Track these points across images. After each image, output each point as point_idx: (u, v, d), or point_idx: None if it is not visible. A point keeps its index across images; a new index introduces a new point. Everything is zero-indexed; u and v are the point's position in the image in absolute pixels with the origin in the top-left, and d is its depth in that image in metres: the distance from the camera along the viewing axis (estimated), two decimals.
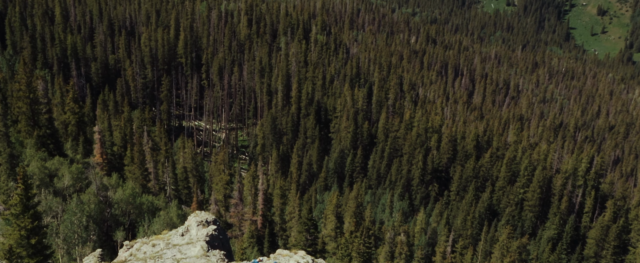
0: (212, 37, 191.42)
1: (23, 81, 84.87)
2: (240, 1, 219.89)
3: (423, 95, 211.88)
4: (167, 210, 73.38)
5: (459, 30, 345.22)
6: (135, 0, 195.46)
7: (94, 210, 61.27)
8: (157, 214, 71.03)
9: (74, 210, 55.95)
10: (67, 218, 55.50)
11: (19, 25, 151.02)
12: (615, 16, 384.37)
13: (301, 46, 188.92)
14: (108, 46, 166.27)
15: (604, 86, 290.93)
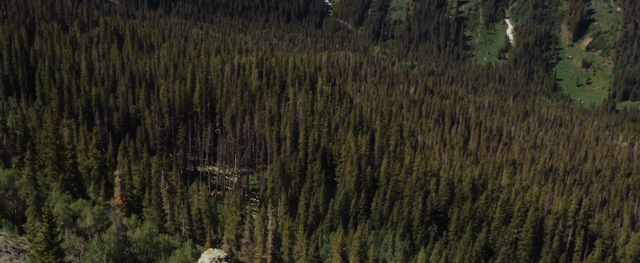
0: (226, 88, 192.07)
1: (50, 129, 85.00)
2: (252, 55, 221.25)
3: (422, 141, 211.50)
4: (182, 249, 72.70)
5: (454, 82, 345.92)
6: (155, 55, 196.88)
7: (113, 249, 60.71)
8: (172, 252, 70.39)
9: (95, 248, 55.49)
10: (89, 257, 55.02)
11: (48, 78, 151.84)
12: (599, 68, 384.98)
13: (308, 96, 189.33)
14: (129, 97, 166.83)
15: (590, 132, 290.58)
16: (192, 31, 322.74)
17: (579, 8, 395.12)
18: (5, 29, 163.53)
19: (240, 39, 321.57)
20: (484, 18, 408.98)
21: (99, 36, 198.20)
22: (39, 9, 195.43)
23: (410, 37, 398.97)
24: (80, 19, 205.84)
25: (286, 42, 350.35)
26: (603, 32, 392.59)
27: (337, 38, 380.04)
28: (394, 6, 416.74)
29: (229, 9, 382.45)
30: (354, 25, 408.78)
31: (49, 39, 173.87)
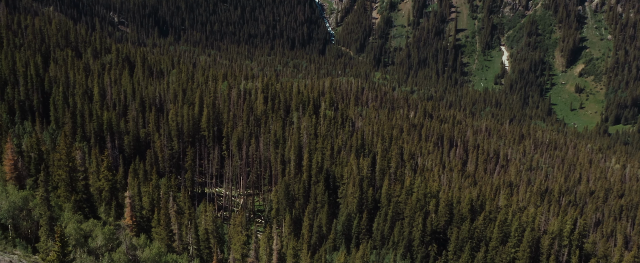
0: (232, 112, 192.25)
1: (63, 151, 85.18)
2: (257, 81, 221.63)
3: (422, 164, 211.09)
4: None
5: (452, 106, 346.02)
6: (164, 81, 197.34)
7: None
8: None
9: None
10: None
11: (61, 103, 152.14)
12: (591, 94, 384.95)
13: (311, 120, 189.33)
14: (139, 121, 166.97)
15: (583, 155, 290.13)
16: (201, 58, 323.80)
17: (571, 36, 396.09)
18: (21, 56, 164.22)
19: (246, 65, 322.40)
20: (481, 45, 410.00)
21: (111, 63, 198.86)
22: (54, 37, 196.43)
23: (409, 63, 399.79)
24: (93, 46, 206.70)
25: (291, 69, 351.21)
26: (595, 59, 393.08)
27: (340, 64, 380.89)
28: (394, 34, 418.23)
29: (236, 36, 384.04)
30: (356, 52, 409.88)
31: (63, 66, 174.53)
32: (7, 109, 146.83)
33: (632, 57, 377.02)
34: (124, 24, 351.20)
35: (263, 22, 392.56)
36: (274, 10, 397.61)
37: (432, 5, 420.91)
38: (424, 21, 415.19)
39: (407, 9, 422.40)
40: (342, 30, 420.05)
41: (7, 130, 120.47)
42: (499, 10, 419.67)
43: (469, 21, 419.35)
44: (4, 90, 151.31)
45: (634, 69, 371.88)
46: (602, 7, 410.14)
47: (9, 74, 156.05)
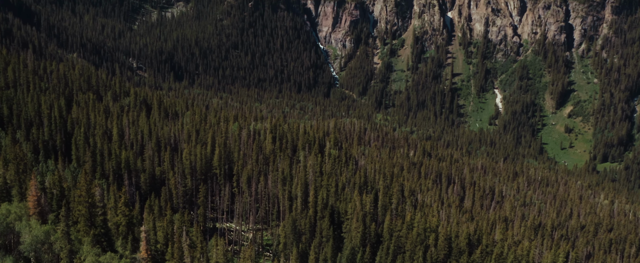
0: (242, 152, 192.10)
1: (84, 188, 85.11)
2: (266, 122, 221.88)
3: (421, 200, 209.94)
4: None
5: (450, 146, 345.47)
6: (179, 122, 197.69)
7: None
8: None
9: None
10: None
11: (83, 143, 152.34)
12: (580, 133, 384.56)
13: (317, 159, 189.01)
14: (155, 160, 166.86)
15: (574, 191, 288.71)
16: (213, 101, 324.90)
17: (560, 80, 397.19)
18: (46, 99, 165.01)
19: (256, 107, 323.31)
20: (476, 88, 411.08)
21: (129, 105, 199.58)
22: (77, 82, 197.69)
23: (409, 105, 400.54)
24: (113, 90, 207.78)
25: (297, 110, 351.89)
26: (583, 101, 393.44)
27: (343, 107, 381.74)
28: (394, 78, 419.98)
29: (246, 80, 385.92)
30: (359, 95, 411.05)
31: (85, 108, 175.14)
32: (32, 148, 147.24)
33: (617, 100, 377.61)
34: (142, 69, 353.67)
35: (272, 67, 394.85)
36: (282, 56, 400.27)
37: (429, 52, 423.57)
38: (422, 66, 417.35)
39: (407, 54, 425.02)
40: (346, 74, 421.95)
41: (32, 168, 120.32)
42: (492, 55, 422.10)
43: (464, 66, 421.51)
44: (29, 131, 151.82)
45: (619, 111, 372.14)
46: (588, 53, 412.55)
47: (34, 116, 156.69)
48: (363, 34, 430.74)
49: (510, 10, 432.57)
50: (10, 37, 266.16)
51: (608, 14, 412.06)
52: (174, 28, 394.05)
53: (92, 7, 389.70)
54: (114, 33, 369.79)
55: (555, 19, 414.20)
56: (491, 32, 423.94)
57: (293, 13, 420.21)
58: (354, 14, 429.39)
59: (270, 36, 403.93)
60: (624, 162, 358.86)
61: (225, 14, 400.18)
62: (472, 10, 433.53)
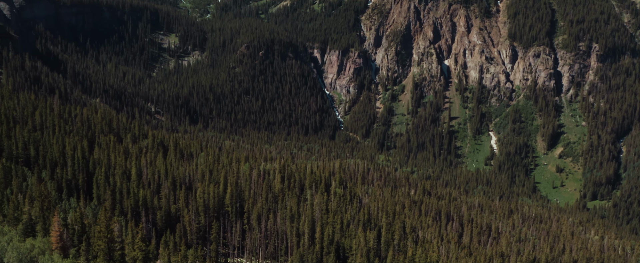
0: (253, 190, 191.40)
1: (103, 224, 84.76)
2: (275, 162, 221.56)
3: (422, 236, 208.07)
4: None
5: (448, 185, 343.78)
6: (193, 162, 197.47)
7: None
8: None
9: None
10: None
11: (103, 182, 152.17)
12: (570, 173, 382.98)
13: (323, 197, 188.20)
14: (171, 198, 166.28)
15: (566, 228, 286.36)
16: (226, 143, 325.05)
17: (550, 123, 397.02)
18: (70, 141, 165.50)
19: (265, 149, 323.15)
20: (472, 131, 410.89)
21: (147, 147, 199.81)
22: (99, 125, 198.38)
23: (409, 147, 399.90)
24: (132, 132, 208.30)
25: (305, 152, 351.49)
26: (572, 143, 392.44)
27: (348, 148, 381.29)
28: (395, 121, 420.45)
29: (257, 124, 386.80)
30: (362, 137, 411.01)
31: (106, 149, 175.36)
32: (56, 187, 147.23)
33: (604, 141, 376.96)
34: (159, 113, 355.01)
35: (281, 111, 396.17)
36: (290, 101, 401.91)
37: (428, 97, 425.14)
38: (422, 110, 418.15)
39: (407, 99, 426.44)
40: (350, 118, 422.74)
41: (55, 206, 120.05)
42: (486, 100, 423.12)
43: (461, 110, 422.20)
44: (54, 170, 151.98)
45: (606, 152, 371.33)
46: (576, 97, 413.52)
47: (59, 157, 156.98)
48: (366, 81, 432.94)
49: (503, 59, 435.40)
50: (39, 84, 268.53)
51: (593, 61, 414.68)
52: (190, 75, 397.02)
53: (114, 56, 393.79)
54: (135, 80, 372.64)
55: (544, 66, 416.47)
56: (485, 78, 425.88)
57: (301, 61, 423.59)
58: (358, 62, 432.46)
59: (280, 82, 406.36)
60: (612, 200, 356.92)
61: (238, 62, 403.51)
62: (467, 59, 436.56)
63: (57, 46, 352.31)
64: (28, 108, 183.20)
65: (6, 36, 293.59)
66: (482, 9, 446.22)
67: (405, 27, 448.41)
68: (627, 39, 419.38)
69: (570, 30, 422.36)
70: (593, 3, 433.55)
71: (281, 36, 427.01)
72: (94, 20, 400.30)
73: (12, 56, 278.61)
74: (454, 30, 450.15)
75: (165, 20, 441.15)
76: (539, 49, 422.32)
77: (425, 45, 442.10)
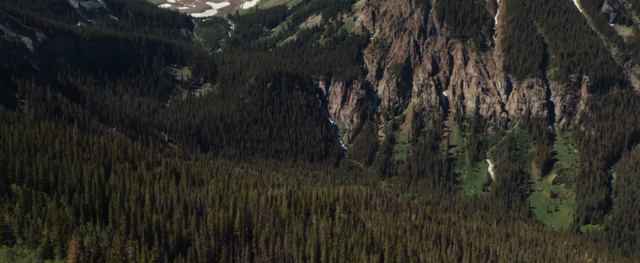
0: (261, 215, 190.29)
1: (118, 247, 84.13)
2: (282, 189, 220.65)
3: (423, 259, 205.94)
4: None
5: (448, 210, 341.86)
6: (204, 189, 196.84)
7: None
8: None
9: None
10: None
11: (118, 207, 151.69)
12: (564, 198, 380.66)
13: (328, 222, 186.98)
14: (183, 222, 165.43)
15: (561, 251, 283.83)
16: (235, 170, 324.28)
17: (544, 150, 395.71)
18: (88, 168, 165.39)
19: (273, 176, 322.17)
20: (470, 158, 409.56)
21: (160, 174, 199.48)
22: (115, 152, 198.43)
23: (410, 174, 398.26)
24: (146, 160, 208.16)
25: (310, 178, 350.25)
26: (565, 169, 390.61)
27: (352, 175, 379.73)
28: (396, 149, 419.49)
29: (265, 152, 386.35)
30: (365, 164, 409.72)
31: (121, 176, 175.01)
32: (74, 211, 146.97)
33: (596, 168, 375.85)
34: (172, 141, 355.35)
35: (287, 140, 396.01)
36: (297, 130, 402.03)
37: (427, 126, 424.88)
38: (422, 139, 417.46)
39: (407, 128, 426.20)
40: (353, 146, 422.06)
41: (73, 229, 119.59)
42: (483, 129, 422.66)
43: (459, 139, 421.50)
44: (72, 196, 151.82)
45: (597, 178, 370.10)
46: (568, 126, 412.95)
47: (76, 183, 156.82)
48: (368, 111, 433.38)
49: (498, 90, 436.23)
50: (59, 114, 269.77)
51: (584, 92, 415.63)
52: (202, 106, 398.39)
53: (130, 87, 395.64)
54: (149, 110, 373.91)
55: (537, 97, 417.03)
56: (482, 108, 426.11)
57: (306, 92, 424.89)
58: (361, 93, 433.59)
59: (286, 112, 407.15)
60: (604, 224, 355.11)
61: (247, 93, 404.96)
62: (464, 90, 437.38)
63: (77, 78, 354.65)
64: (48, 137, 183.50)
65: (29, 69, 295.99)
66: (478, 43, 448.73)
67: (405, 60, 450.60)
68: (616, 71, 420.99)
69: (562, 62, 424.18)
70: (582, 37, 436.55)
71: (288, 69, 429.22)
72: (112, 54, 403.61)
73: (34, 88, 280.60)
74: (452, 63, 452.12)
75: (179, 54, 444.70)
76: (532, 81, 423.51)
77: (424, 77, 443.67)
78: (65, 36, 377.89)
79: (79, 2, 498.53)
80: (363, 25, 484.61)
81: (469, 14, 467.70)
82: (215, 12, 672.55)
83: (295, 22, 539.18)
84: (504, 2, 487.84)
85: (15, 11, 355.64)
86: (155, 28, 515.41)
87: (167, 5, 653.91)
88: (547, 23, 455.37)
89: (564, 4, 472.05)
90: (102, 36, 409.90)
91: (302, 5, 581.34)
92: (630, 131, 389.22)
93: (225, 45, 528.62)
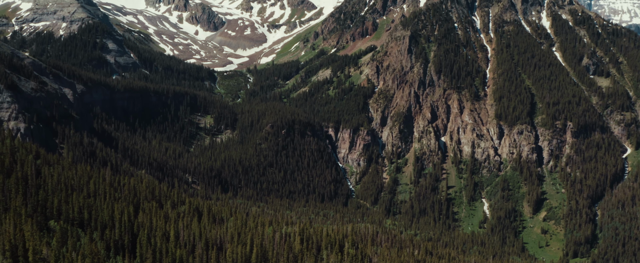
0: (276, 251, 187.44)
1: None
2: (296, 226, 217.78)
3: None
4: None
5: (447, 246, 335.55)
6: (224, 226, 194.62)
7: None
8: None
9: None
10: None
11: (145, 242, 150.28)
12: (554, 234, 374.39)
13: (338, 257, 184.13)
14: (204, 257, 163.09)
15: None
16: (252, 209, 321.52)
17: (534, 190, 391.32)
18: (118, 206, 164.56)
19: (287, 214, 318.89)
20: (467, 198, 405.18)
21: (184, 212, 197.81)
22: (144, 192, 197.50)
23: (413, 212, 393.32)
24: (172, 199, 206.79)
25: (321, 217, 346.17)
26: (554, 207, 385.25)
27: (359, 214, 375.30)
28: (400, 190, 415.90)
29: (279, 192, 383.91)
30: (371, 204, 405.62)
31: (149, 214, 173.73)
32: (105, 246, 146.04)
33: (582, 206, 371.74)
34: (195, 183, 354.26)
35: (300, 181, 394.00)
36: (309, 173, 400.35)
37: (428, 169, 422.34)
38: (423, 180, 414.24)
39: (409, 171, 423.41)
40: (360, 187, 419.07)
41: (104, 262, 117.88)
42: (478, 171, 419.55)
43: (457, 180, 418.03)
44: (103, 232, 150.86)
45: (583, 215, 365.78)
46: (555, 168, 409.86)
47: (108, 220, 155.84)
48: (374, 155, 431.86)
49: (491, 136, 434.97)
50: (94, 157, 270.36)
51: (569, 137, 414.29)
52: (222, 150, 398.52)
53: (158, 133, 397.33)
54: (175, 154, 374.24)
55: (527, 142, 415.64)
56: (477, 152, 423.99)
57: (317, 138, 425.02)
58: (366, 139, 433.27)
59: (299, 156, 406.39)
60: (591, 257, 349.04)
61: (264, 139, 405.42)
62: (461, 136, 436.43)
63: (111, 125, 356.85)
64: (84, 178, 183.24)
65: (69, 117, 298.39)
66: (472, 93, 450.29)
67: (406, 109, 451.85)
68: (597, 118, 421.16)
69: (548, 111, 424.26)
70: (566, 88, 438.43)
71: (301, 117, 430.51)
72: (143, 104, 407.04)
73: (72, 134, 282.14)
74: (449, 112, 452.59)
75: (203, 104, 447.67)
76: (522, 127, 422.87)
77: (424, 124, 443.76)
78: (102, 88, 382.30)
79: (114, 58, 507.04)
80: (368, 78, 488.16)
81: (463, 67, 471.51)
82: (236, 66, 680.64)
83: (307, 76, 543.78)
84: (494, 57, 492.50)
85: (58, 65, 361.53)
86: (181, 81, 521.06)
87: (192, 60, 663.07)
88: (534, 75, 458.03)
89: (548, 58, 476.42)
90: (134, 87, 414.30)
91: (314, 60, 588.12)
92: (612, 172, 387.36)
93: (244, 96, 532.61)
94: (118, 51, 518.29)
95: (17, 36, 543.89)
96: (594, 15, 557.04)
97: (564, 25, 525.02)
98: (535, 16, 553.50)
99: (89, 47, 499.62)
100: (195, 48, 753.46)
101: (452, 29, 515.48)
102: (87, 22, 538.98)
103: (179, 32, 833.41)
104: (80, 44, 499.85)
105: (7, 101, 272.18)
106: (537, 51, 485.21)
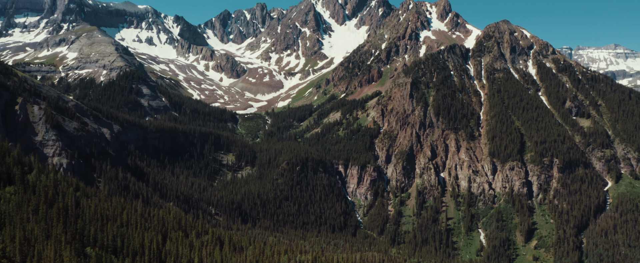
0: None
1: None
2: (309, 254, 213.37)
3: None
4: None
5: None
6: (243, 254, 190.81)
7: None
8: None
9: None
10: None
11: None
12: (544, 261, 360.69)
13: None
14: None
15: None
16: (269, 238, 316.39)
17: (526, 221, 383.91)
18: (148, 235, 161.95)
19: (301, 244, 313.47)
20: (464, 229, 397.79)
21: (207, 241, 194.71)
22: (171, 223, 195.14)
23: (415, 242, 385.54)
24: (196, 229, 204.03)
25: (332, 246, 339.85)
26: (544, 236, 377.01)
27: (366, 243, 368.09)
28: (403, 222, 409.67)
29: (294, 223, 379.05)
30: (377, 234, 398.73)
31: (175, 243, 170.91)
32: None
33: (569, 235, 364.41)
34: (218, 214, 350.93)
35: (313, 214, 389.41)
36: (321, 206, 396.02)
37: (429, 202, 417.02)
38: (424, 212, 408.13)
39: (412, 204, 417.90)
40: (368, 219, 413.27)
41: None
42: (475, 204, 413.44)
43: (455, 212, 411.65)
44: (134, 258, 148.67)
45: (570, 243, 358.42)
46: (544, 201, 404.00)
47: (139, 247, 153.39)
48: (380, 189, 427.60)
49: (486, 171, 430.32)
50: (127, 191, 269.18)
51: (555, 172, 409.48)
52: (243, 185, 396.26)
53: (185, 169, 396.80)
54: (200, 188, 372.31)
55: (518, 177, 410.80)
56: (473, 187, 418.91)
57: (328, 174, 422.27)
58: (373, 175, 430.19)
59: (312, 190, 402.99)
60: None
61: (280, 175, 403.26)
62: (458, 172, 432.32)
63: (143, 162, 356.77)
64: (118, 209, 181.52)
65: (106, 154, 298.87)
66: (468, 133, 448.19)
67: (409, 148, 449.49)
68: (580, 155, 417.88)
69: (536, 149, 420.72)
70: (551, 128, 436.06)
71: (314, 155, 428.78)
72: (172, 143, 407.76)
73: (109, 169, 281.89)
74: (447, 150, 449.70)
75: (225, 143, 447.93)
76: (513, 164, 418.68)
77: (425, 161, 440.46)
78: (136, 128, 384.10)
79: (148, 101, 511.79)
80: (374, 120, 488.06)
81: (459, 110, 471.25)
82: (256, 109, 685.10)
83: (320, 118, 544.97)
84: (487, 101, 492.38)
85: (98, 108, 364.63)
86: (207, 122, 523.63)
87: (217, 104, 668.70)
88: (523, 117, 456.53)
89: (535, 101, 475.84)
90: (165, 128, 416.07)
91: (325, 104, 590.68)
92: (595, 203, 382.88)
93: (263, 136, 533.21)
94: (151, 96, 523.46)
95: (63, 82, 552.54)
96: (574, 64, 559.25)
97: (548, 72, 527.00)
98: (522, 65, 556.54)
99: (125, 91, 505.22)
100: (219, 93, 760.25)
101: (448, 76, 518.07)
102: (125, 69, 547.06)
103: (206, 79, 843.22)
104: (118, 89, 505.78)
105: (52, 139, 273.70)
106: (525, 95, 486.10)
